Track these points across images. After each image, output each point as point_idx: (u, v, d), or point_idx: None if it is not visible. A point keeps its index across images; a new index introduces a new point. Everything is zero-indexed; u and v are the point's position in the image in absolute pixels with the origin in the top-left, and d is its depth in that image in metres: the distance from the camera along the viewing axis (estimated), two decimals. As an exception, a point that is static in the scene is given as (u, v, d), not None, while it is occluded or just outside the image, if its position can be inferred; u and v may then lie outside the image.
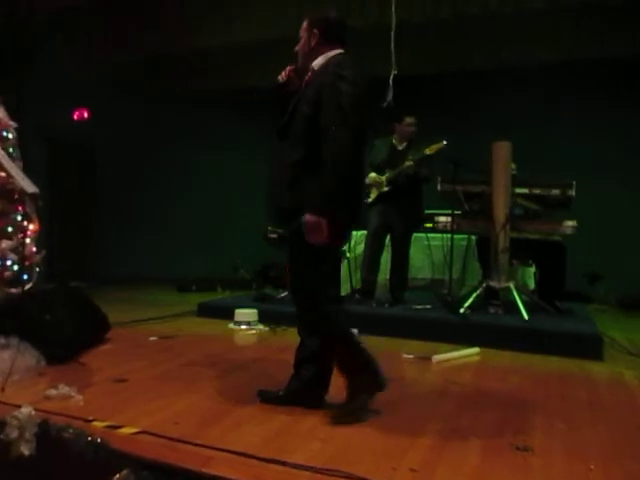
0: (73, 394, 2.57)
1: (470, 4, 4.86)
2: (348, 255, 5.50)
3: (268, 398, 2.58)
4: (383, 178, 4.81)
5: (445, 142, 4.58)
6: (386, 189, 4.81)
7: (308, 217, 2.28)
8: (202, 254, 7.43)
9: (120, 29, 6.21)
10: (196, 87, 7.27)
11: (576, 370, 3.41)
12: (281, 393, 2.57)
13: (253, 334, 4.41)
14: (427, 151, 4.62)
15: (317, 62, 2.51)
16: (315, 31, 2.51)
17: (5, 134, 4.12)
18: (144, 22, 6.08)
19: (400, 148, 4.92)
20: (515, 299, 4.31)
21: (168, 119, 7.84)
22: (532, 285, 5.39)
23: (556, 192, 4.53)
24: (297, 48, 2.60)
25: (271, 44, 5.48)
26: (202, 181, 7.88)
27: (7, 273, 3.82)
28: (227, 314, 4.69)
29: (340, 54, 2.50)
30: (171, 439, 2.09)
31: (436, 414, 2.54)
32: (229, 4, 5.75)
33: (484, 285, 4.55)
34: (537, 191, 4.61)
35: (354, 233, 5.73)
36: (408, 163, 4.67)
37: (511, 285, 4.44)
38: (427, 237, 5.44)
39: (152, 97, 7.65)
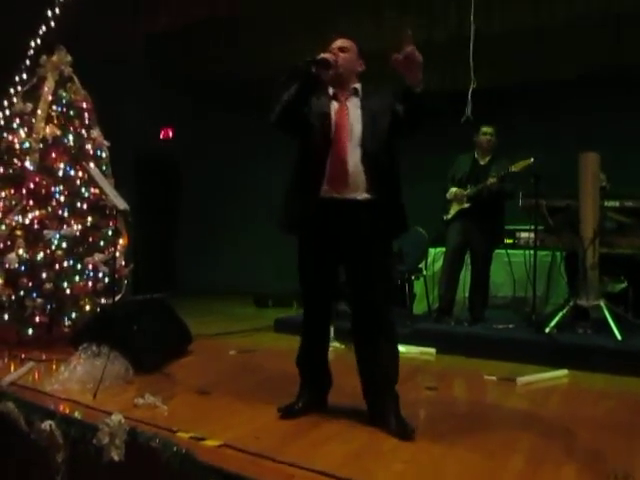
0: (158, 404, 2.65)
1: (555, 12, 4.67)
2: (425, 272, 5.40)
3: None
4: (465, 192, 4.68)
5: (532, 159, 4.36)
6: (467, 205, 4.68)
7: None
8: (279, 269, 7.52)
9: (201, 51, 6.45)
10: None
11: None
12: None
13: (329, 351, 4.37)
14: (513, 168, 4.42)
15: (358, 86, 2.62)
16: (362, 61, 2.64)
17: (99, 153, 4.37)
18: (224, 44, 6.29)
19: (482, 163, 4.76)
20: (607, 318, 4.06)
21: (249, 136, 8.02)
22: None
23: (651, 204, 4.26)
24: (341, 56, 2.52)
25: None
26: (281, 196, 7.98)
27: (99, 285, 4.02)
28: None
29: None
30: (253, 454, 2.09)
31: (524, 439, 2.40)
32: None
33: (571, 303, 4.32)
34: (629, 203, 4.35)
35: (431, 250, 5.63)
36: (491, 180, 4.51)
37: (601, 303, 4.18)
38: (507, 253, 5.24)
39: (233, 114, 7.87)
